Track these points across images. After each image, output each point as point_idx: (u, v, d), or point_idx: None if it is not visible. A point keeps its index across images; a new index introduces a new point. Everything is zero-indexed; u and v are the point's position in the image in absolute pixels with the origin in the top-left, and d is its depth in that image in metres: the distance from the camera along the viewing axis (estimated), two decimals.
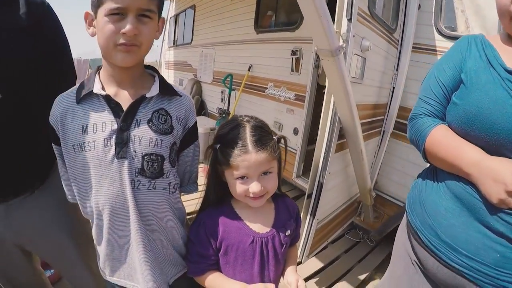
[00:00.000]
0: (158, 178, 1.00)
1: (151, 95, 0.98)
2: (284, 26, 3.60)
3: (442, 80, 1.00)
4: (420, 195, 1.06)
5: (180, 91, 1.08)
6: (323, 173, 2.00)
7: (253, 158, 0.97)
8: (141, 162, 0.96)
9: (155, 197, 1.00)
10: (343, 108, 1.75)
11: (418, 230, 1.02)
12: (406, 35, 2.56)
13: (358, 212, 2.97)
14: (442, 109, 1.01)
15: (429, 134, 0.99)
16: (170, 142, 1.01)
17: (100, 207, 0.99)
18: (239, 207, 1.10)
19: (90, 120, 0.94)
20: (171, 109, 1.02)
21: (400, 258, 1.18)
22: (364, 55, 2.01)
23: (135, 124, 0.95)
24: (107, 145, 0.93)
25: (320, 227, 2.34)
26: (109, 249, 1.05)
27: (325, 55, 1.49)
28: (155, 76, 1.06)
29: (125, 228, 1.00)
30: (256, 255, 1.05)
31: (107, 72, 0.98)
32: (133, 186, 0.96)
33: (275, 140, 1.04)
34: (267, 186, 1.02)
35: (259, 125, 1.04)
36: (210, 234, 1.06)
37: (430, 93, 1.03)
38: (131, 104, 0.95)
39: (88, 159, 0.94)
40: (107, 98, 0.94)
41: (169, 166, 1.03)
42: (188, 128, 1.08)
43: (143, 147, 0.95)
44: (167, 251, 1.07)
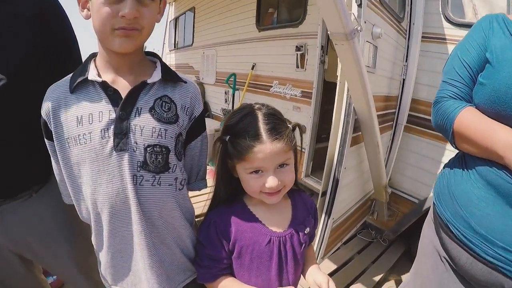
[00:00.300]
0: (163, 173, 0.89)
1: (152, 81, 0.88)
2: (287, 22, 3.51)
3: (466, 60, 0.96)
4: (449, 185, 0.99)
5: (185, 78, 0.97)
6: (338, 168, 1.87)
7: (269, 148, 0.86)
8: (144, 155, 0.85)
9: (160, 194, 0.89)
10: (359, 97, 1.63)
11: (449, 222, 0.96)
12: (415, 24, 2.47)
13: (371, 210, 2.84)
14: (468, 91, 0.96)
15: (457, 117, 0.93)
16: (175, 132, 0.90)
17: (99, 208, 0.88)
18: (252, 204, 1.00)
19: (85, 110, 0.84)
20: (175, 96, 0.92)
21: (427, 255, 1.10)
22: (376, 43, 1.90)
23: (135, 113, 0.85)
24: (104, 137, 0.82)
25: (335, 227, 2.21)
26: (110, 255, 0.94)
27: (339, 39, 1.38)
28: (156, 62, 0.95)
29: (127, 231, 0.89)
30: (274, 257, 0.95)
31: (103, 58, 0.87)
32: (135, 182, 0.85)
33: (290, 128, 0.93)
34: (284, 180, 0.91)
35: (272, 112, 0.94)
36: (222, 235, 0.95)
37: (455, 75, 0.98)
38: (131, 91, 0.85)
39: (84, 154, 0.84)
40: (103, 85, 0.84)
41: (175, 159, 0.92)
42: (194, 117, 0.97)
43: (145, 138, 0.85)
44: (174, 256, 0.97)
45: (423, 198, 2.53)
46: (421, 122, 2.53)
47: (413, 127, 2.59)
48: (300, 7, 3.24)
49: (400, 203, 2.74)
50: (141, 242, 0.88)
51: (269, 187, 0.89)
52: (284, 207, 1.03)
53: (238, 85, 4.31)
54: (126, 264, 0.94)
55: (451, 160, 1.08)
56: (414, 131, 2.59)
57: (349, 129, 1.80)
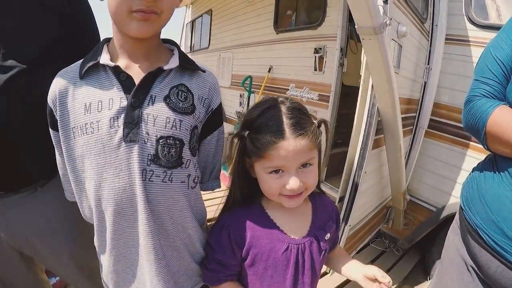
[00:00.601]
0: (175, 168, 0.81)
1: (169, 68, 0.81)
2: (306, 24, 3.43)
3: (500, 58, 0.91)
4: (479, 190, 0.94)
5: (204, 67, 0.90)
6: (358, 172, 1.78)
7: (292, 145, 0.77)
8: (155, 147, 0.77)
9: (171, 192, 0.81)
10: (384, 96, 1.55)
11: (479, 228, 0.91)
12: (438, 26, 2.39)
13: (386, 218, 2.74)
14: (502, 90, 0.91)
15: (491, 116, 0.88)
16: (190, 124, 0.82)
17: (103, 205, 0.80)
18: (270, 207, 0.91)
19: (95, 97, 0.76)
20: (192, 86, 0.85)
21: (452, 264, 1.05)
22: (400, 42, 1.82)
23: (149, 101, 0.77)
24: (113, 126, 0.75)
25: (352, 234, 2.12)
26: (113, 259, 0.86)
27: (367, 33, 1.30)
28: (174, 49, 0.88)
29: (132, 232, 0.82)
30: (290, 266, 0.86)
31: (117, 42, 0.80)
32: (144, 178, 0.77)
33: (316, 124, 0.84)
34: (307, 182, 0.82)
35: (297, 106, 0.85)
36: (235, 241, 0.87)
37: (488, 73, 0.93)
38: (145, 77, 0.78)
39: (90, 144, 0.76)
40: (116, 70, 0.77)
41: (189, 154, 0.83)
42: (212, 110, 0.89)
43: (158, 129, 0.77)
44: (183, 260, 0.88)
45: (441, 206, 2.42)
46: (442, 127, 2.44)
47: (433, 132, 2.49)
48: (319, 9, 3.17)
49: (416, 211, 2.63)
50: (147, 244, 0.80)
51: (290, 189, 0.80)
52: (304, 211, 0.94)
53: (254, 88, 4.23)
54: (130, 269, 0.86)
55: (480, 163, 1.03)
56: (434, 136, 2.49)
57: (372, 131, 1.72)
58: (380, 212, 2.61)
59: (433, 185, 2.52)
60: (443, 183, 2.43)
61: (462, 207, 1.01)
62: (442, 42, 2.39)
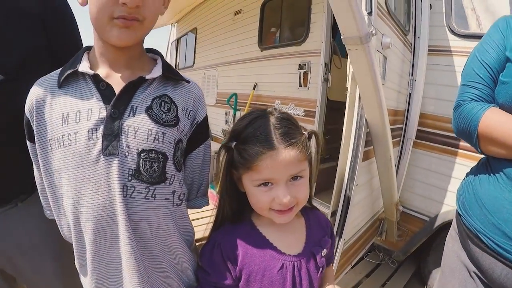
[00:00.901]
0: (158, 184, 0.75)
1: (151, 77, 0.77)
2: (290, 41, 3.45)
3: (486, 61, 0.92)
4: (476, 193, 0.93)
5: (188, 78, 0.86)
6: (350, 185, 1.73)
7: (281, 155, 0.73)
8: (137, 161, 0.71)
9: (155, 210, 0.75)
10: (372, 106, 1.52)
11: (479, 232, 0.89)
12: (420, 38, 2.41)
13: (379, 231, 2.69)
14: (490, 92, 0.92)
15: (482, 118, 0.88)
16: (174, 137, 0.77)
17: (82, 224, 0.73)
18: (261, 223, 0.86)
19: (73, 107, 0.72)
20: (176, 97, 0.80)
21: (454, 272, 1.02)
22: (385, 53, 1.81)
23: (130, 112, 0.73)
24: (91, 138, 0.70)
25: (346, 249, 2.05)
26: (94, 283, 0.78)
27: (353, 43, 1.28)
28: (157, 59, 0.84)
29: (114, 253, 0.75)
30: (287, 285, 0.80)
31: (98, 50, 0.77)
32: (125, 194, 0.71)
33: (306, 135, 0.80)
34: (297, 196, 0.78)
35: (286, 116, 0.82)
36: (228, 258, 0.80)
37: (475, 77, 0.94)
38: (126, 86, 0.73)
39: (67, 158, 0.71)
40: (95, 78, 0.73)
41: (173, 168, 0.78)
42: (197, 123, 0.84)
43: (140, 141, 0.72)
44: (171, 284, 0.81)
45: (433, 215, 2.41)
46: (429, 136, 2.44)
47: (421, 142, 2.49)
48: (303, 26, 3.19)
49: (409, 222, 2.60)
50: (130, 266, 0.73)
51: (280, 202, 0.75)
52: (297, 227, 0.89)
53: (239, 105, 4.19)
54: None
55: (473, 168, 1.02)
56: (422, 146, 2.49)
57: (361, 143, 1.68)
58: (373, 225, 2.56)
59: (425, 195, 2.50)
60: (434, 192, 2.42)
61: (460, 213, 0.98)
62: (425, 54, 2.41)
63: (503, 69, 0.89)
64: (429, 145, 2.44)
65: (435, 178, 2.41)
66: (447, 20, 2.33)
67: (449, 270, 1.05)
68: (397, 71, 2.21)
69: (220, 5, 4.67)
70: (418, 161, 2.52)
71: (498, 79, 0.90)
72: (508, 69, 0.88)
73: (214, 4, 4.85)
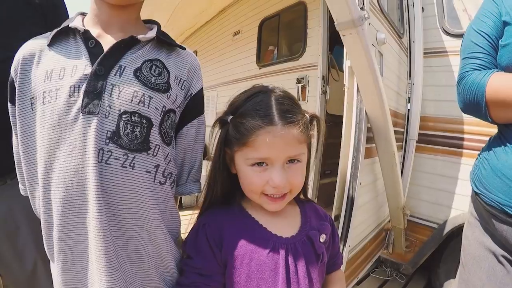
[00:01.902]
0: (139, 153, 0.65)
1: (144, 38, 0.71)
2: (287, 57, 3.46)
3: (484, 30, 0.90)
4: (493, 167, 0.86)
5: (184, 46, 0.80)
6: (353, 184, 1.62)
7: (279, 132, 0.66)
8: (117, 123, 0.64)
9: (133, 183, 0.65)
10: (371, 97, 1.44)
11: (505, 205, 0.80)
12: (415, 41, 2.38)
13: (385, 243, 2.53)
14: (492, 60, 0.88)
15: (488, 84, 0.84)
16: (163, 104, 0.70)
17: (52, 193, 0.63)
18: (251, 207, 0.76)
19: (59, 63, 0.66)
20: (169, 63, 0.74)
21: (478, 262, 0.93)
22: (381, 50, 1.75)
23: (117, 71, 0.66)
24: (73, 95, 0.63)
25: (352, 258, 1.90)
26: (60, 267, 0.67)
27: (346, 28, 1.23)
28: (153, 27, 0.79)
29: (82, 231, 0.64)
30: (280, 271, 0.69)
31: (92, 12, 0.72)
32: (100, 159, 0.62)
33: (308, 118, 0.74)
34: (292, 181, 0.70)
35: (288, 95, 0.76)
36: (214, 241, 0.71)
37: (474, 47, 0.91)
38: (116, 44, 0.68)
39: (45, 116, 0.64)
40: (85, 35, 0.68)
41: (159, 139, 0.69)
42: (191, 95, 0.77)
43: (123, 102, 0.65)
44: (149, 279, 0.70)
45: (442, 221, 2.26)
46: (431, 139, 2.35)
47: (424, 146, 2.39)
48: (299, 41, 3.21)
49: (417, 231, 2.44)
50: (97, 246, 0.62)
51: (273, 185, 0.68)
52: (291, 213, 0.80)
53: None
54: (80, 282, 0.67)
55: (484, 146, 0.97)
56: (425, 150, 2.39)
57: (362, 137, 1.59)
58: (379, 236, 2.41)
59: (432, 200, 2.37)
60: (441, 196, 2.29)
61: (478, 192, 0.90)
62: (421, 57, 2.38)
63: (502, 35, 0.86)
64: (432, 148, 2.35)
65: (441, 182, 2.29)
66: (440, 22, 2.33)
67: (472, 261, 0.95)
68: (394, 72, 2.15)
69: (219, 27, 4.72)
70: (422, 166, 2.41)
71: (498, 46, 0.87)
72: (507, 32, 0.85)
73: (214, 27, 4.92)
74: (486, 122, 0.90)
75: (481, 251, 0.91)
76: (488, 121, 0.89)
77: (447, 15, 2.29)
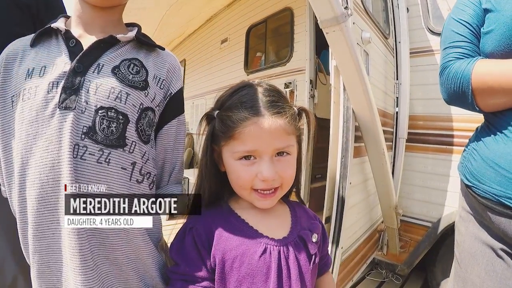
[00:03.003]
0: (115, 149, 0.65)
1: (124, 38, 0.72)
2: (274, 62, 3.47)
3: (464, 19, 0.87)
4: (484, 157, 0.83)
5: (163, 47, 0.81)
6: (343, 183, 1.58)
7: (267, 123, 0.65)
8: (93, 118, 0.64)
9: (108, 179, 0.63)
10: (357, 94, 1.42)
11: (501, 196, 0.76)
12: (401, 42, 2.39)
13: (379, 245, 2.49)
14: (475, 48, 0.85)
15: (473, 70, 0.80)
16: (140, 101, 0.70)
17: (27, 190, 0.62)
18: (240, 207, 0.74)
19: (40, 62, 0.68)
20: (148, 64, 0.75)
21: (475, 258, 0.88)
22: (366, 49, 1.73)
23: (95, 69, 0.68)
24: (51, 91, 0.64)
25: (345, 260, 1.85)
26: (35, 270, 0.65)
27: (330, 25, 1.21)
28: (134, 29, 0.80)
29: (57, 231, 0.62)
30: (271, 275, 0.66)
31: (75, 13, 0.74)
32: (75, 154, 0.62)
33: (296, 110, 0.72)
34: (282, 174, 0.68)
35: (274, 88, 0.74)
36: (202, 244, 0.66)
37: (455, 36, 0.88)
38: (95, 43, 0.69)
39: (24, 112, 0.64)
40: (66, 35, 0.70)
41: (135, 135, 0.68)
42: (171, 94, 0.78)
43: (100, 98, 0.66)
44: (127, 283, 0.67)
45: (436, 219, 2.24)
46: (421, 138, 2.35)
47: (414, 145, 2.38)
48: (287, 46, 3.22)
49: (411, 231, 2.41)
50: (71, 244, 0.59)
51: (263, 178, 0.65)
52: (281, 212, 0.77)
53: None
54: (55, 286, 0.64)
55: (471, 138, 0.93)
56: (415, 149, 2.37)
57: (350, 136, 1.56)
58: (372, 237, 2.36)
59: (424, 199, 2.35)
60: (433, 195, 2.28)
61: (470, 185, 0.86)
62: (407, 57, 2.38)
63: (483, 23, 0.84)
64: (422, 147, 2.34)
65: (433, 180, 2.28)
66: (425, 22, 2.34)
67: (468, 257, 0.90)
68: (381, 71, 2.14)
69: (207, 36, 4.75)
70: (413, 165, 2.39)
71: (479, 34, 0.85)
72: (489, 19, 0.82)
73: (201, 35, 4.94)
74: (475, 117, 0.88)
75: (478, 246, 0.87)
76: (474, 110, 0.85)
77: (431, 15, 2.31)
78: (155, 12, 4.00)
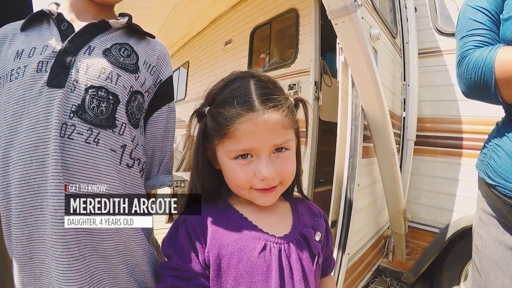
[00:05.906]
0: (104, 129, 0.64)
1: (115, 24, 0.73)
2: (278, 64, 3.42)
3: (482, 6, 0.83)
4: (510, 153, 0.77)
5: (153, 35, 0.83)
6: (350, 185, 1.51)
7: (262, 118, 0.60)
8: (83, 97, 0.63)
9: (97, 160, 0.60)
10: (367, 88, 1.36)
11: None
12: (409, 43, 2.35)
13: (385, 251, 2.42)
14: (494, 36, 0.81)
15: (496, 58, 0.74)
16: (131, 84, 0.70)
17: (10, 173, 0.59)
18: (239, 203, 0.70)
19: (30, 44, 0.67)
20: (139, 49, 0.76)
21: (499, 266, 0.82)
22: (375, 46, 1.67)
23: (86, 50, 0.67)
24: (40, 71, 0.63)
25: (351, 267, 1.78)
26: (17, 263, 0.61)
27: (339, 15, 1.16)
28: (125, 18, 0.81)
29: (40, 218, 0.58)
30: (272, 274, 0.61)
31: (67, 1, 0.74)
32: (62, 133, 0.59)
33: (292, 101, 0.67)
34: (282, 171, 0.64)
35: (269, 79, 0.69)
36: (196, 236, 0.62)
37: (474, 24, 0.83)
38: (87, 26, 0.69)
39: (10, 92, 0.63)
40: (58, 18, 0.70)
41: (125, 117, 0.68)
42: (161, 81, 0.78)
43: (90, 77, 0.64)
44: (117, 278, 0.63)
45: (444, 225, 2.17)
46: (429, 141, 2.29)
47: (422, 148, 2.32)
48: (291, 48, 3.18)
49: (418, 237, 2.35)
50: (54, 230, 0.56)
51: (261, 178, 0.61)
52: (282, 209, 0.73)
53: None
54: (39, 280, 0.60)
55: (492, 133, 0.88)
56: (423, 152, 2.32)
57: (359, 135, 1.49)
58: (378, 243, 2.30)
59: (432, 204, 2.29)
60: (442, 199, 2.22)
61: (494, 184, 0.79)
62: (415, 58, 2.33)
63: (501, 10, 0.80)
64: (430, 150, 2.29)
65: (442, 184, 2.22)
66: (434, 22, 2.30)
67: (491, 265, 0.84)
68: (389, 70, 2.09)
69: (211, 37, 4.72)
70: (421, 169, 2.33)
71: (499, 21, 0.80)
72: (508, 5, 0.78)
73: (205, 37, 4.92)
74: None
75: (502, 252, 0.80)
76: (497, 103, 0.79)
77: (439, 15, 2.28)
78: (159, 12, 3.98)
